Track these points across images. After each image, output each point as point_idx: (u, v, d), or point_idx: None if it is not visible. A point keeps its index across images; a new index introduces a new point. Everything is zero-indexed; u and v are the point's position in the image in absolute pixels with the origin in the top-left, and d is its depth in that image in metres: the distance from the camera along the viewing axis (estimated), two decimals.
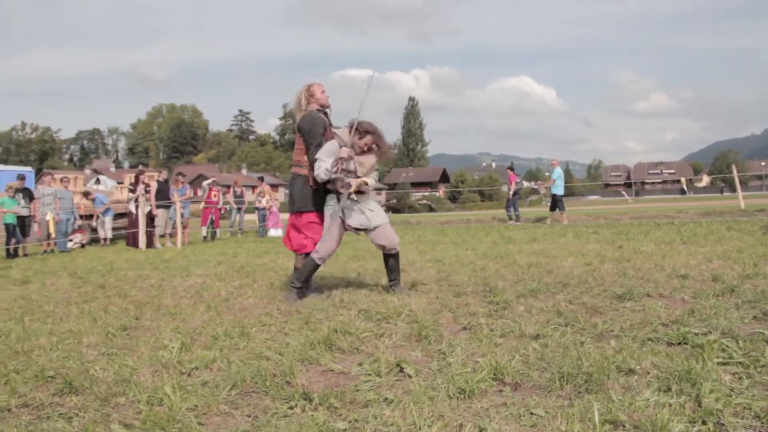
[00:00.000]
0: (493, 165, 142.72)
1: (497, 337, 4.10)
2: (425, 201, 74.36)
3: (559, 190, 20.07)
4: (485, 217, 23.77)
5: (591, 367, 3.22)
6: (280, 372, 3.48)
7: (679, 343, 3.73)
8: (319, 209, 6.12)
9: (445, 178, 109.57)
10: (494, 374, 3.29)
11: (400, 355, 3.81)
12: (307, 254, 6.05)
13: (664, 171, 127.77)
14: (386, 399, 3.05)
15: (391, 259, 6.08)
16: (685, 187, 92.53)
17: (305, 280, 6.09)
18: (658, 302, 5.01)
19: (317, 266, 6.04)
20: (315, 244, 6.05)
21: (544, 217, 20.99)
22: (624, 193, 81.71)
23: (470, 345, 3.93)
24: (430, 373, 3.43)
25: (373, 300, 5.61)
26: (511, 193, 21.54)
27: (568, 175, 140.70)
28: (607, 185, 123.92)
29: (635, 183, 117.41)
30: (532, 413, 2.79)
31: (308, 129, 6.04)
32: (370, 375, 3.44)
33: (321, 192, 6.06)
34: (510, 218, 21.26)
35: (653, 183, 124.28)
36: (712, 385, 2.87)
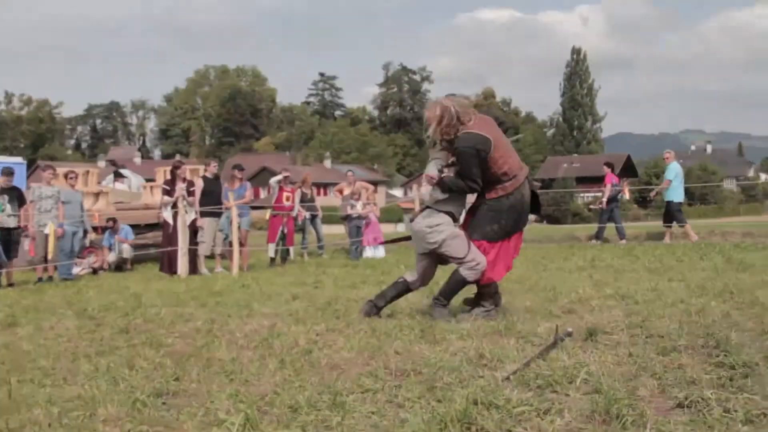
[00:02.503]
0: (708, 149, 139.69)
1: (738, 423, 3.92)
2: (599, 205, 73.20)
3: (676, 195, 20.20)
4: (700, 229, 22.94)
5: None
6: None
7: None
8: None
9: (629, 170, 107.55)
10: None
11: None
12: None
13: None
14: None
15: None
16: None
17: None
18: None
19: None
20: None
21: (662, 233, 20.96)
22: None
23: None
24: None
25: (528, 356, 5.50)
26: (605, 199, 21.62)
27: None
28: None
29: None
30: None
31: None
32: None
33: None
34: (597, 238, 21.50)
35: None
36: None
